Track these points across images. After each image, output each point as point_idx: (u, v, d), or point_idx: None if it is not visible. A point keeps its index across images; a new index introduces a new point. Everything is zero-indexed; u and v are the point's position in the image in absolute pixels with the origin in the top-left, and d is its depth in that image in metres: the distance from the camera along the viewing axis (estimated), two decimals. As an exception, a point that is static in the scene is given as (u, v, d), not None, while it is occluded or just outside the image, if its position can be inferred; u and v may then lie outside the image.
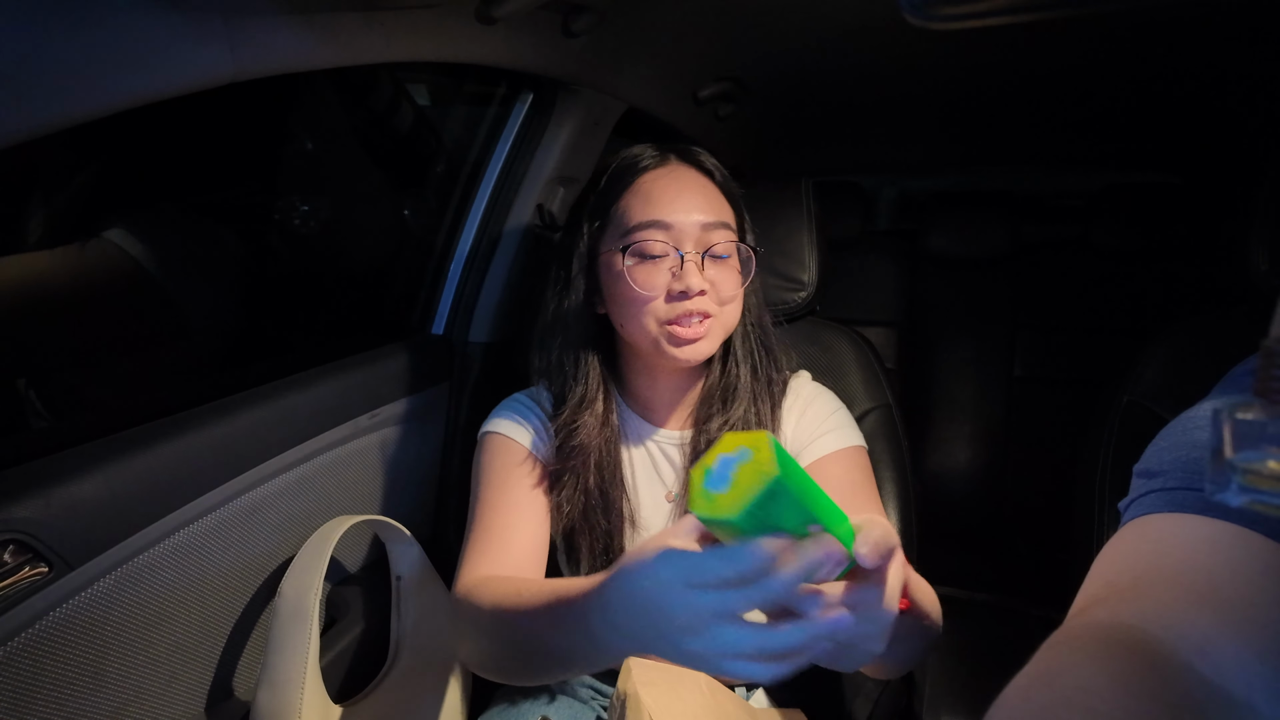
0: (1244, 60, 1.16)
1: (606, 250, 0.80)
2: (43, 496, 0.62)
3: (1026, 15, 0.55)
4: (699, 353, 0.77)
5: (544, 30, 0.91)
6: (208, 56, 0.57)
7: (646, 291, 0.76)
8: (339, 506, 0.96)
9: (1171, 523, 0.43)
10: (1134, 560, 0.42)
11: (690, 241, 0.77)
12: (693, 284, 0.74)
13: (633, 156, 0.83)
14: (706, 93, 1.32)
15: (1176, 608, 0.38)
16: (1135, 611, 0.38)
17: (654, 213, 0.77)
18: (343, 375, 0.95)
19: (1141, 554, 0.42)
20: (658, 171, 0.81)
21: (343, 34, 0.68)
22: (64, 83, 0.49)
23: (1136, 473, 0.49)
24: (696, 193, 0.79)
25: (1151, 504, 0.45)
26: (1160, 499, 0.45)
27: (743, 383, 0.84)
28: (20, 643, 0.61)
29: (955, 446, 2.04)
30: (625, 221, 0.79)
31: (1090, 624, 0.39)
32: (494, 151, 1.14)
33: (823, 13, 1.03)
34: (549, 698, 0.90)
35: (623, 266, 0.77)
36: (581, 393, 0.83)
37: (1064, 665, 0.36)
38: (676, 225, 0.76)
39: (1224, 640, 0.36)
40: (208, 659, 0.81)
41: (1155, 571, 0.41)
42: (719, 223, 0.78)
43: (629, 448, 0.87)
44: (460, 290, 1.16)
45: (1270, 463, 0.28)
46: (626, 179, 0.81)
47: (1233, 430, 0.29)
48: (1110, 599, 0.40)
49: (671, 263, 0.76)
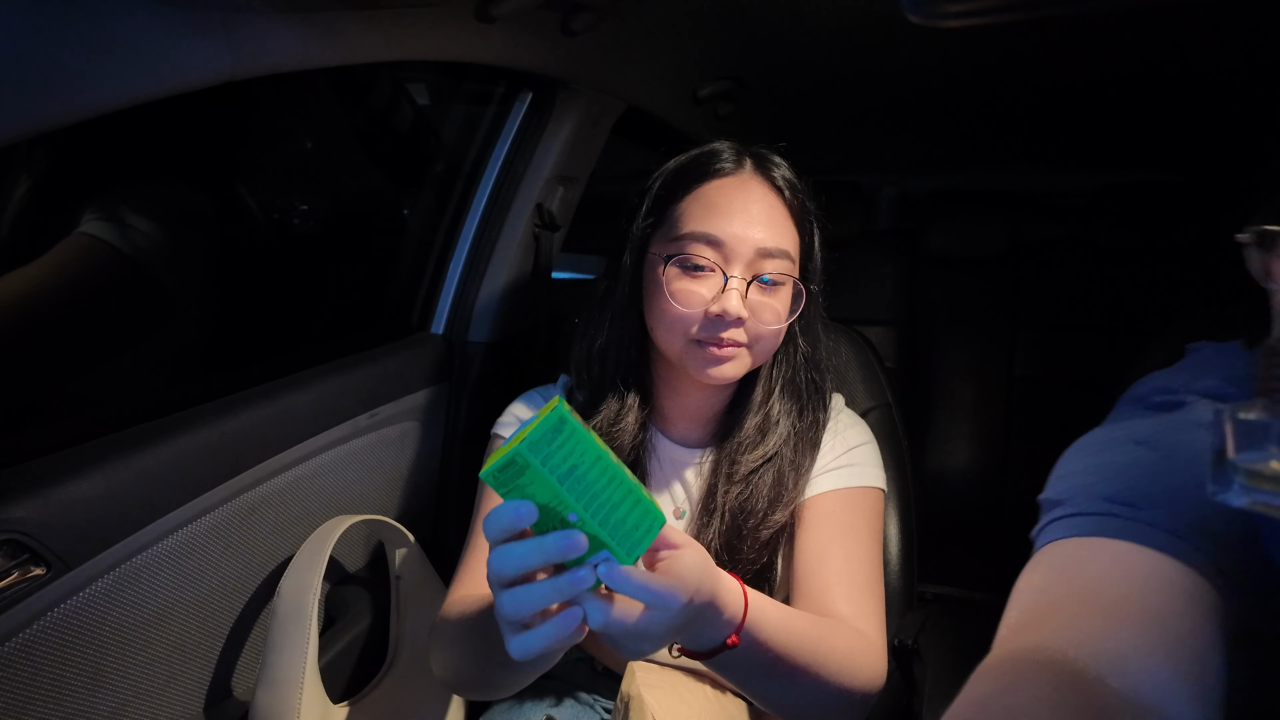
0: (1244, 58, 1.16)
1: (654, 250, 0.77)
2: (41, 496, 0.62)
3: (1027, 13, 0.55)
4: (724, 374, 0.74)
5: (543, 29, 0.90)
6: (206, 55, 0.57)
7: (684, 307, 0.72)
8: (338, 506, 0.96)
9: (1078, 547, 0.46)
10: (1047, 587, 0.45)
11: (740, 264, 0.72)
12: (730, 309, 0.70)
13: (706, 156, 0.77)
14: (706, 92, 1.32)
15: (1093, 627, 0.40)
16: (1052, 634, 0.40)
17: (709, 225, 0.72)
18: (342, 375, 0.95)
19: (1053, 580, 0.45)
20: (727, 180, 0.75)
21: (342, 33, 0.68)
22: (62, 82, 0.49)
23: (1041, 502, 0.51)
24: (760, 211, 0.73)
25: (1058, 530, 0.47)
26: (1065, 525, 0.47)
27: (784, 422, 0.80)
28: (18, 643, 0.61)
29: (955, 446, 2.04)
30: (678, 227, 0.74)
31: (1014, 651, 0.41)
32: (493, 150, 1.14)
33: (823, 11, 1.02)
34: (554, 700, 0.89)
35: (664, 275, 0.73)
36: (618, 406, 0.80)
37: (992, 692, 0.39)
38: (729, 243, 0.72)
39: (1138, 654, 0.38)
40: (206, 659, 0.81)
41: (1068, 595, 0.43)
42: (777, 250, 0.73)
43: (644, 460, 0.84)
44: (460, 290, 1.16)
45: (1272, 463, 0.28)
46: (692, 180, 0.76)
47: (1235, 430, 0.29)
48: (1029, 626, 0.43)
49: (716, 281, 0.72)
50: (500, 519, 0.47)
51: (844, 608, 0.72)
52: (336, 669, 0.92)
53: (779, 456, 0.79)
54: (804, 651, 0.62)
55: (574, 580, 0.47)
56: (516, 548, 0.47)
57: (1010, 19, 0.54)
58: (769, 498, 0.78)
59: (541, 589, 0.47)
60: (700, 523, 0.80)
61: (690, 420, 0.84)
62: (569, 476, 0.46)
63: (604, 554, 0.48)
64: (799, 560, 0.77)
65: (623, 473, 0.51)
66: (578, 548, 0.46)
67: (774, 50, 1.20)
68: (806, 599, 0.74)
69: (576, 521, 0.47)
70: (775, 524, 0.78)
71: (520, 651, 0.48)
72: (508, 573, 0.47)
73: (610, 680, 0.91)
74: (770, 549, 0.79)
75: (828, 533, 0.77)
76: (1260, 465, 0.28)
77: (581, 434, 0.48)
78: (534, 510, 0.46)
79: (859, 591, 0.74)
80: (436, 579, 1.03)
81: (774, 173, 0.77)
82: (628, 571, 0.48)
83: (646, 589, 0.48)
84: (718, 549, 0.78)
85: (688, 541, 0.54)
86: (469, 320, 1.16)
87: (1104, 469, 0.49)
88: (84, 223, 0.87)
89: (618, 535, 0.48)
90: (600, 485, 0.48)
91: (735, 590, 0.57)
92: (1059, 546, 0.46)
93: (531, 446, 0.45)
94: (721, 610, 0.55)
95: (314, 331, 1.21)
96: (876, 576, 0.77)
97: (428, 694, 0.98)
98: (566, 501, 0.46)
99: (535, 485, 0.46)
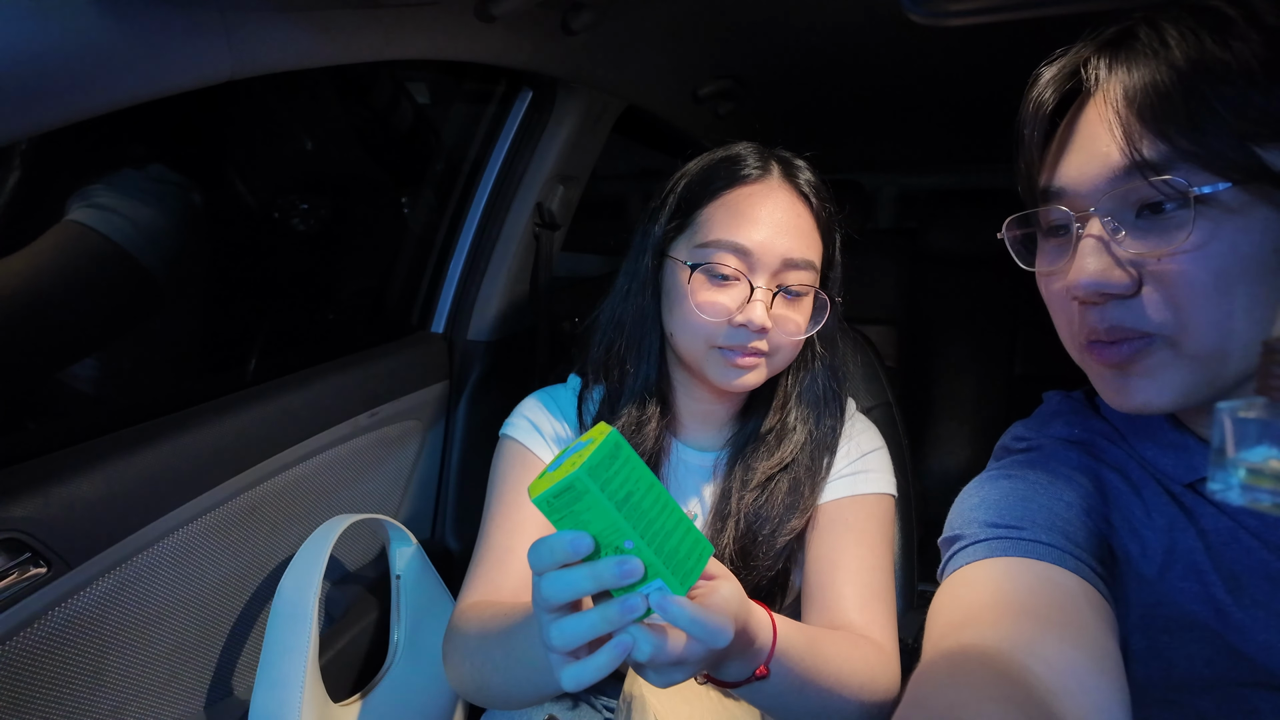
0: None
1: (677, 256, 0.75)
2: (41, 496, 0.62)
3: (1028, 12, 0.55)
4: (745, 383, 0.74)
5: (543, 28, 0.90)
6: (206, 54, 0.57)
7: (709, 316, 0.71)
8: (338, 505, 0.96)
9: (979, 569, 0.51)
10: (963, 602, 0.50)
11: (766, 274, 0.71)
12: (755, 319, 0.69)
13: (731, 160, 0.75)
14: (706, 90, 1.32)
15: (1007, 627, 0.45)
16: (977, 636, 0.45)
17: (736, 234, 0.71)
18: (342, 374, 0.95)
19: (966, 596, 0.50)
20: (753, 187, 0.73)
21: (342, 32, 0.67)
22: (61, 81, 0.49)
23: (941, 544, 0.58)
24: (788, 221, 0.72)
25: (960, 560, 0.53)
26: (964, 554, 0.53)
27: (801, 429, 0.79)
28: (19, 642, 0.61)
29: (955, 445, 2.04)
30: (704, 234, 0.73)
31: (945, 653, 0.45)
32: (493, 149, 1.14)
33: (823, 10, 1.02)
34: (555, 699, 0.89)
35: (688, 283, 0.72)
36: (639, 414, 0.79)
37: (930, 691, 0.43)
38: (755, 252, 0.70)
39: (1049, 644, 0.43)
40: (207, 658, 0.81)
41: (981, 604, 0.48)
42: (804, 261, 0.72)
43: (659, 465, 0.83)
44: (460, 288, 1.16)
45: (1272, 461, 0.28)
46: (717, 186, 0.74)
47: (1235, 429, 0.29)
48: (954, 632, 0.47)
49: (741, 290, 0.71)
50: (555, 550, 0.46)
51: (856, 617, 0.72)
52: (337, 668, 0.92)
53: (795, 464, 0.78)
54: (828, 675, 0.62)
55: (625, 609, 0.46)
56: (569, 574, 0.46)
57: (1011, 18, 0.54)
58: (785, 504, 0.77)
59: (591, 619, 0.46)
60: (715, 528, 0.79)
61: (706, 425, 0.84)
62: (625, 503, 0.45)
63: (656, 583, 0.46)
64: (810, 567, 0.77)
65: (673, 501, 0.50)
66: (634, 574, 0.45)
67: (774, 49, 1.20)
68: (818, 607, 0.74)
69: (632, 549, 0.45)
70: (791, 531, 0.78)
71: (574, 682, 0.47)
72: (560, 600, 0.46)
73: (612, 679, 0.90)
74: (786, 556, 0.79)
75: (841, 541, 0.77)
76: (1260, 464, 0.28)
77: (635, 460, 0.47)
78: (591, 543, 0.45)
79: (871, 600, 0.74)
80: (437, 578, 1.03)
81: (799, 179, 0.75)
82: (681, 603, 0.46)
83: (699, 622, 0.47)
84: (732, 555, 0.78)
85: (724, 573, 0.54)
86: (469, 319, 1.16)
87: (984, 503, 0.56)
88: (72, 210, 0.86)
89: (671, 564, 0.47)
90: (654, 513, 0.47)
91: (765, 621, 0.57)
92: (964, 572, 0.52)
93: (591, 471, 0.44)
94: (753, 640, 0.55)
95: (314, 330, 1.21)
96: (888, 584, 0.77)
97: (428, 693, 0.99)
98: (623, 529, 0.45)
99: (592, 512, 0.44)
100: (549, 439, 0.82)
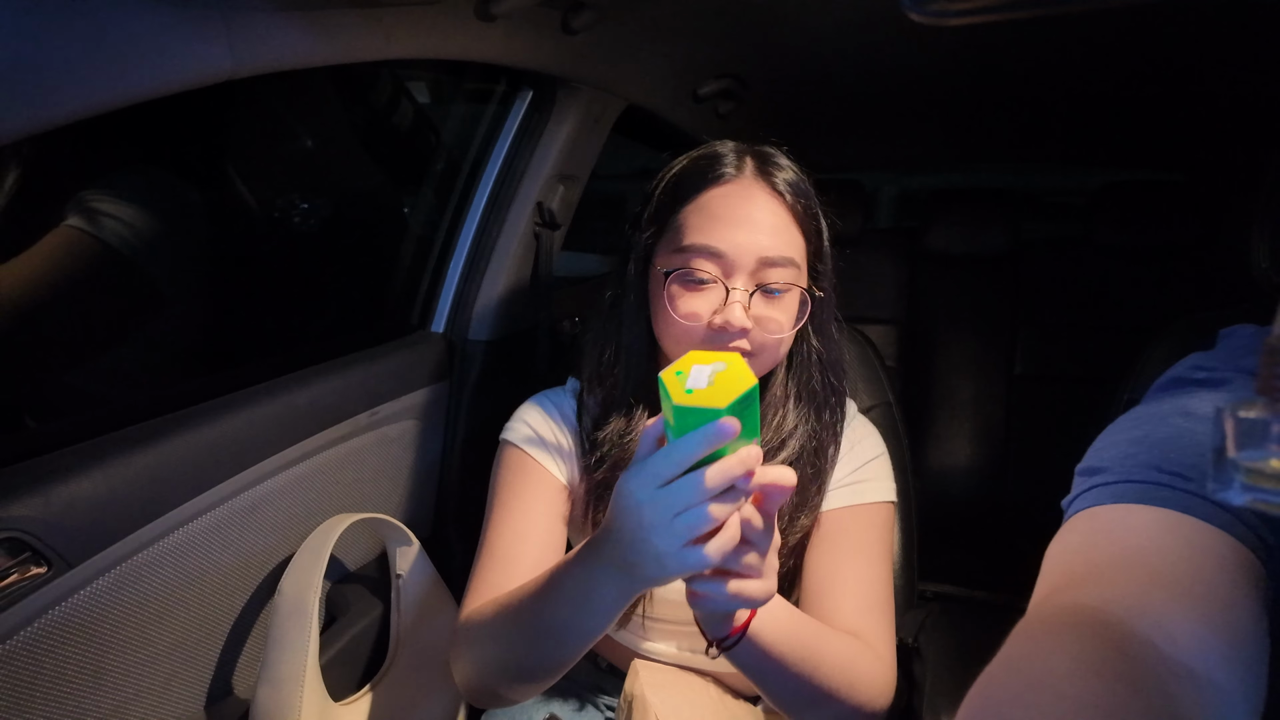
0: (1246, 56, 1.16)
1: (658, 263, 0.75)
2: (41, 495, 0.62)
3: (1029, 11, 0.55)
4: None
5: (543, 27, 0.90)
6: (206, 53, 0.57)
7: (687, 321, 0.71)
8: (338, 504, 0.96)
9: (1118, 513, 0.45)
10: (1088, 549, 0.44)
11: (743, 275, 0.70)
12: (733, 321, 0.69)
13: (707, 160, 0.75)
14: (707, 90, 1.32)
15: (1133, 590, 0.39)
16: (1095, 595, 0.40)
17: (709, 237, 0.70)
18: (342, 373, 0.95)
19: (1094, 543, 0.45)
20: (727, 187, 0.73)
21: (342, 31, 0.68)
22: (61, 80, 0.49)
23: (1078, 472, 0.51)
24: (763, 219, 0.71)
25: (1096, 497, 0.47)
26: (1104, 493, 0.47)
27: (802, 427, 0.78)
28: (19, 642, 0.61)
29: (956, 445, 2.04)
30: (679, 238, 0.72)
31: (1054, 610, 0.40)
32: (494, 149, 1.14)
33: (824, 9, 1.02)
34: (556, 697, 0.89)
35: (666, 291, 0.72)
36: (627, 420, 0.78)
37: (1031, 651, 0.37)
38: (730, 255, 0.70)
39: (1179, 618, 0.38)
40: (207, 657, 0.81)
41: (1109, 558, 0.42)
42: (782, 258, 0.71)
43: None
44: (460, 288, 1.16)
45: (1273, 461, 0.28)
46: (692, 188, 0.74)
47: (1235, 428, 0.29)
48: (1070, 586, 0.42)
49: (719, 293, 0.71)
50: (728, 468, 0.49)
51: (854, 626, 0.72)
52: (337, 667, 0.93)
53: (799, 463, 0.78)
54: (812, 658, 0.63)
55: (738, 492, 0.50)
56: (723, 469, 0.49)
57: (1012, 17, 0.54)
58: (793, 503, 0.77)
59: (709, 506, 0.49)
60: None
61: None
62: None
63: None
64: (809, 578, 0.77)
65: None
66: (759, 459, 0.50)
67: (775, 48, 1.20)
68: (815, 616, 0.74)
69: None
70: (801, 529, 0.78)
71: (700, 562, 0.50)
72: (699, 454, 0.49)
73: (614, 677, 0.91)
74: (796, 553, 0.79)
75: (840, 551, 0.76)
76: (1260, 464, 0.28)
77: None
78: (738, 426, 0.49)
79: (869, 610, 0.74)
80: (437, 577, 1.03)
81: (776, 176, 0.74)
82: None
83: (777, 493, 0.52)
84: None
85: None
86: (469, 319, 1.16)
87: (1147, 440, 0.48)
88: (70, 216, 0.86)
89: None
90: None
91: None
92: (1098, 512, 0.46)
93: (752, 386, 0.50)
94: None
95: (315, 329, 1.21)
96: (888, 595, 0.77)
97: (429, 692, 0.99)
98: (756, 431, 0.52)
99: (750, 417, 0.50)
100: (549, 444, 0.82)
